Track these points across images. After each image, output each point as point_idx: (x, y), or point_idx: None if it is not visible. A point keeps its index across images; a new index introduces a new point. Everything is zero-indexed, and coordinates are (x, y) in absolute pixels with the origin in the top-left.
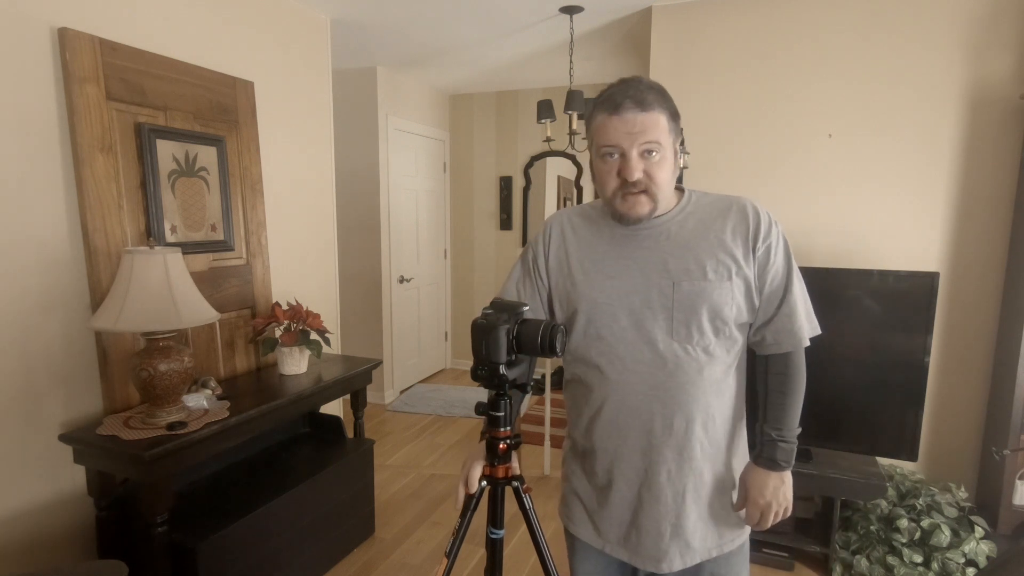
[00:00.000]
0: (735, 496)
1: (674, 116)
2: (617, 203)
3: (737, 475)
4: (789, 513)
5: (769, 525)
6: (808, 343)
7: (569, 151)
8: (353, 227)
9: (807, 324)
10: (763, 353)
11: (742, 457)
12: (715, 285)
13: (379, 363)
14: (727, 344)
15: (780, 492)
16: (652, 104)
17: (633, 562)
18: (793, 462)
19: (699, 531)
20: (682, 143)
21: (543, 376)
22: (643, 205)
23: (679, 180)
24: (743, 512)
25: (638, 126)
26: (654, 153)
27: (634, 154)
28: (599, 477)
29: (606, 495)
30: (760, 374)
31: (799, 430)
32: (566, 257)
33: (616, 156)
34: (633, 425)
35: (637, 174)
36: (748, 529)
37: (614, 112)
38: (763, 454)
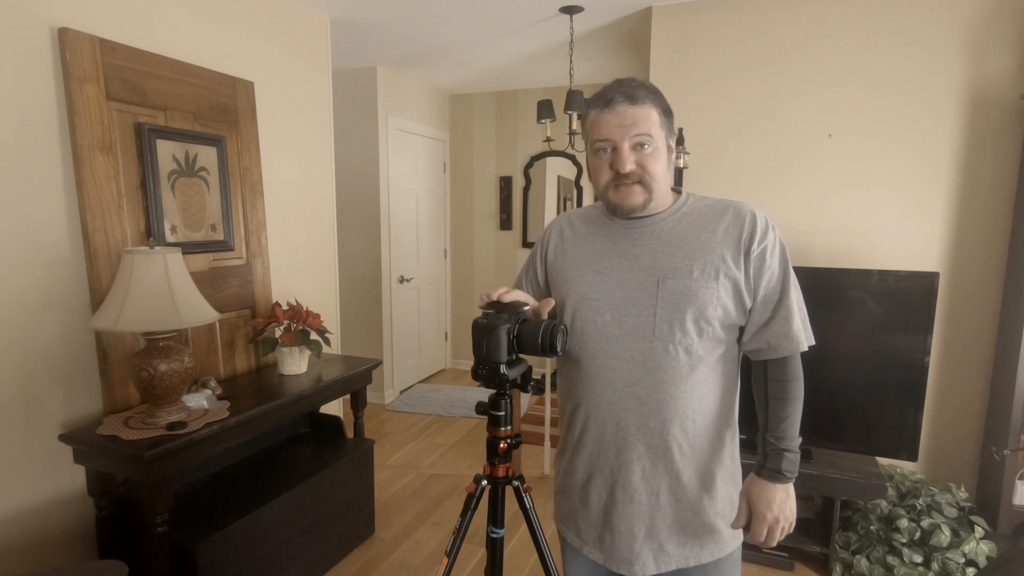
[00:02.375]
0: (719, 503)
1: (666, 113)
2: (610, 194)
3: (721, 481)
4: (793, 528)
5: (776, 542)
6: (805, 348)
7: (569, 151)
8: (353, 227)
9: (804, 330)
10: (760, 359)
11: (729, 465)
12: (700, 284)
13: (379, 363)
14: (711, 345)
15: (787, 505)
16: (643, 99)
17: (607, 564)
18: (797, 473)
19: (676, 536)
20: (680, 143)
21: (543, 376)
22: (636, 195)
23: (678, 182)
24: (736, 521)
25: (628, 119)
26: (646, 146)
27: (626, 146)
28: (579, 474)
29: (586, 492)
30: (758, 382)
31: (800, 439)
32: (563, 253)
33: (609, 150)
34: (609, 421)
35: (629, 165)
36: (739, 538)
37: (605, 107)
38: (767, 465)
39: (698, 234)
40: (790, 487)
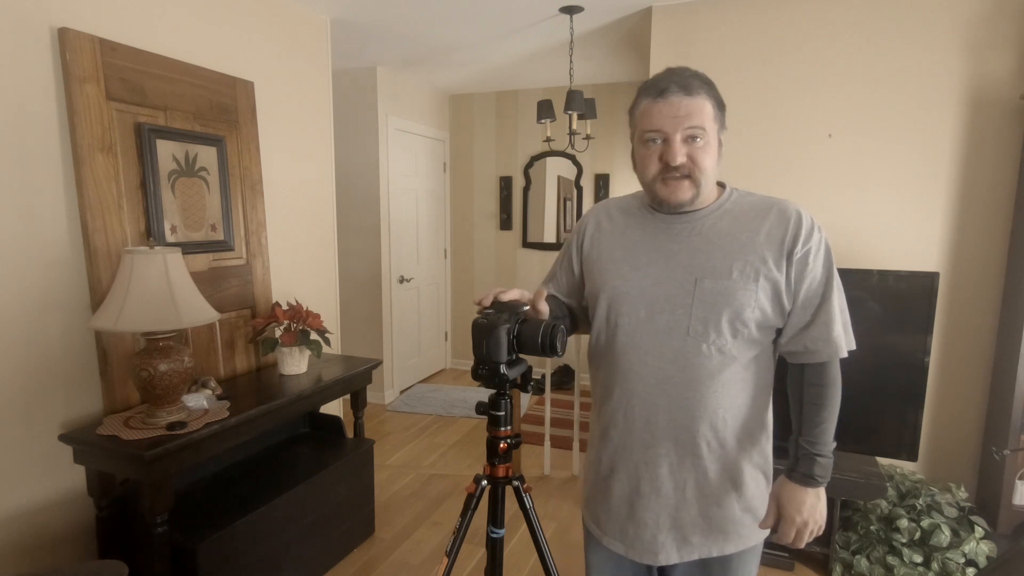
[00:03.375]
0: (748, 499)
1: (719, 105)
2: (657, 187)
3: (751, 478)
4: (822, 532)
5: (804, 544)
6: (845, 354)
7: (569, 151)
8: (353, 227)
9: (844, 335)
10: (797, 362)
11: (760, 462)
12: (739, 285)
13: (379, 363)
14: (745, 346)
15: (816, 510)
16: (697, 90)
17: (629, 555)
18: (829, 478)
19: (699, 528)
20: None
21: (543, 376)
22: (685, 190)
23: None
24: (764, 522)
25: (683, 110)
26: (698, 139)
27: (677, 138)
28: (603, 465)
29: (608, 484)
30: (794, 385)
31: (834, 444)
32: (599, 244)
33: (659, 141)
34: (638, 415)
35: (680, 158)
36: (762, 533)
37: (659, 97)
38: (798, 468)
39: (739, 233)
40: (821, 491)
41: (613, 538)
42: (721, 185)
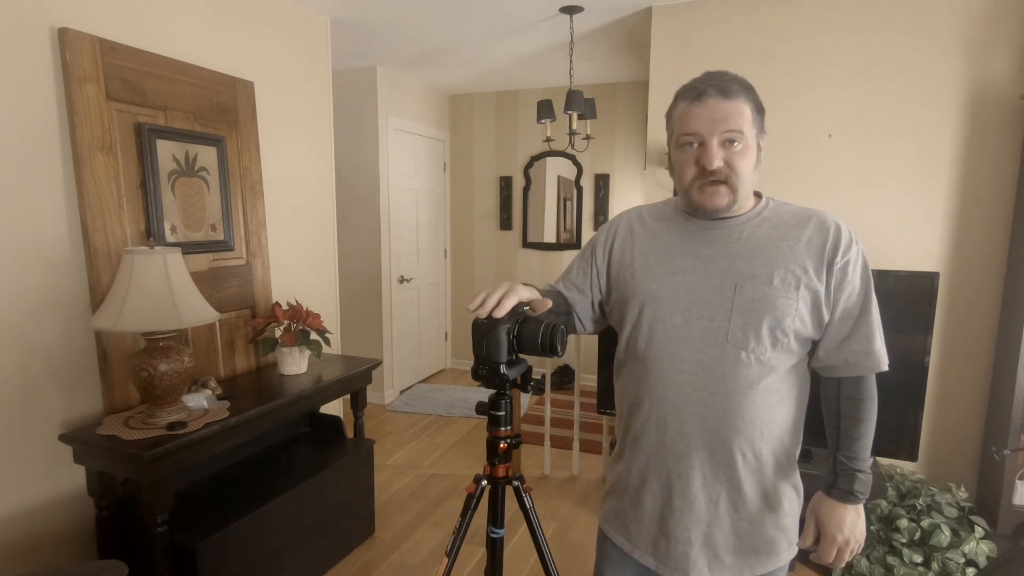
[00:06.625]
0: (782, 517)
1: (759, 110)
2: (694, 194)
3: (786, 497)
4: (861, 549)
5: (844, 563)
6: (885, 368)
7: (569, 151)
8: (353, 227)
9: (883, 350)
10: (834, 376)
11: (791, 479)
12: (780, 293)
13: (379, 363)
14: (784, 357)
15: (857, 527)
16: (736, 93)
17: (660, 571)
18: (868, 494)
19: (732, 545)
20: None
21: (543, 376)
22: (722, 196)
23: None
24: (803, 541)
25: (720, 113)
26: (736, 143)
27: (714, 142)
28: (634, 476)
29: (639, 496)
30: (830, 399)
31: (872, 460)
32: (631, 249)
33: (695, 145)
34: (671, 425)
35: (717, 162)
36: (793, 552)
37: (696, 100)
38: (838, 485)
39: (780, 241)
40: (860, 508)
41: (645, 552)
42: (757, 195)
